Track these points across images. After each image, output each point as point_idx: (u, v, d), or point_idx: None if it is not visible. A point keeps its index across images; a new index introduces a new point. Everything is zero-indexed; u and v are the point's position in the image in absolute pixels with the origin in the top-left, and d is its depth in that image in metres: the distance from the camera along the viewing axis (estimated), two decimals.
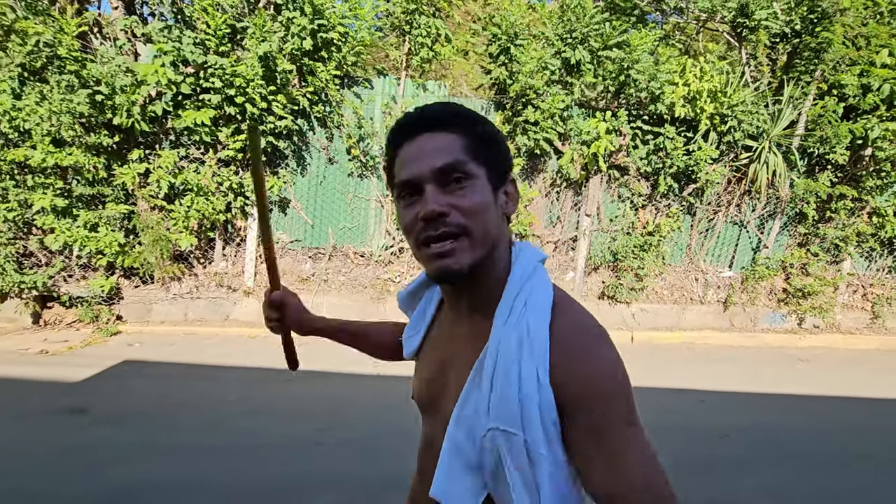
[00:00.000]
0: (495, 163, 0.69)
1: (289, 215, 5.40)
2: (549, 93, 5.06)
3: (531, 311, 0.64)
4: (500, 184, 0.69)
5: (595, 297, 6.25)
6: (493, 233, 0.67)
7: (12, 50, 3.91)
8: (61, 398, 3.41)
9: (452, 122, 0.67)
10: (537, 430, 0.61)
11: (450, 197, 0.64)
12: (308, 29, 4.42)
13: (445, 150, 0.65)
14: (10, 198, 4.43)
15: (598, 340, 0.63)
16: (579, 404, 0.60)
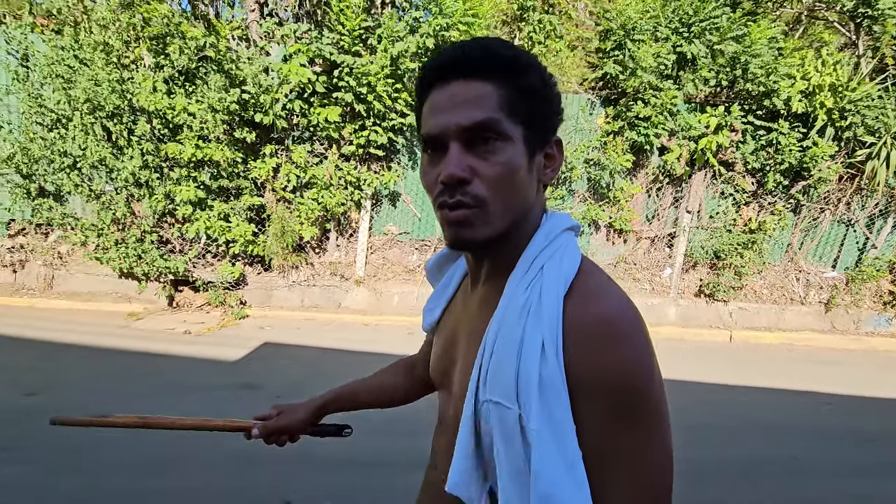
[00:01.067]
0: (538, 121, 0.59)
1: (398, 208, 5.61)
2: (663, 88, 5.02)
3: (546, 277, 0.57)
4: (539, 146, 0.60)
5: (692, 294, 6.20)
6: (518, 203, 0.59)
7: (173, 52, 4.22)
8: (230, 375, 3.73)
9: (492, 68, 0.56)
10: (534, 405, 0.52)
11: (475, 160, 0.56)
12: (433, 29, 4.55)
13: (477, 104, 0.55)
14: (157, 191, 4.80)
15: (623, 320, 0.53)
16: (594, 392, 0.52)
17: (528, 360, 0.53)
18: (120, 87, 4.41)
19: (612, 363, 0.51)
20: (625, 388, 0.51)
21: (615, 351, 0.52)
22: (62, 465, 2.42)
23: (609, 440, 0.52)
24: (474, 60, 0.56)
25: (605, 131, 5.34)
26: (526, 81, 0.57)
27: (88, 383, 3.38)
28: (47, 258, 5.11)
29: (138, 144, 4.65)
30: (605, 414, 0.52)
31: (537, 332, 0.54)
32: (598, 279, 0.58)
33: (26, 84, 4.54)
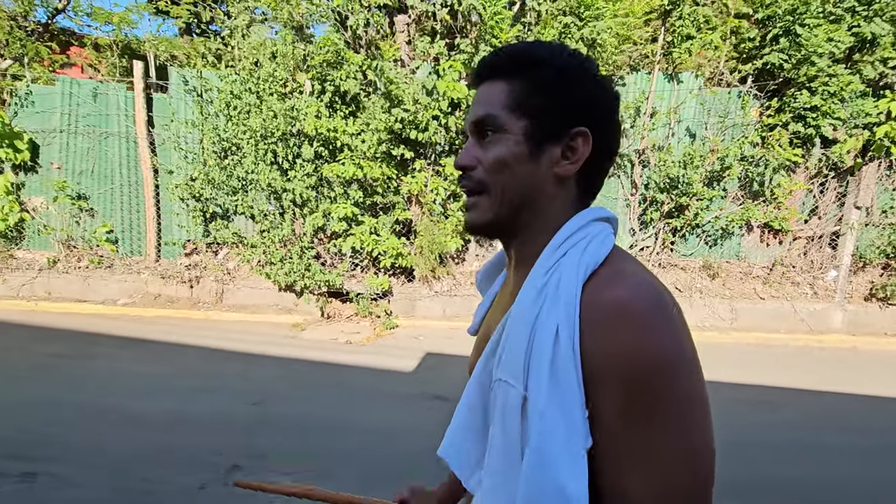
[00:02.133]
0: (548, 114, 0.60)
1: None
2: (837, 73, 4.58)
3: (566, 261, 0.56)
4: (549, 138, 0.60)
5: (861, 297, 5.60)
6: (517, 191, 0.61)
7: (340, 78, 4.47)
8: (413, 385, 3.84)
9: (505, 68, 0.62)
10: (544, 388, 0.50)
11: (480, 150, 0.62)
12: (581, 33, 4.47)
13: (485, 102, 0.62)
14: (317, 208, 5.09)
15: (639, 301, 0.50)
16: (607, 376, 0.49)
17: (541, 343, 0.52)
18: (289, 115, 4.73)
19: (626, 347, 0.48)
20: (641, 375, 0.48)
21: (629, 333, 0.49)
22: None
23: (624, 432, 0.49)
24: (489, 65, 0.63)
25: (763, 125, 4.96)
26: (535, 76, 0.60)
27: (296, 393, 3.62)
28: (218, 274, 5.59)
29: (302, 167, 4.96)
30: (619, 403, 0.49)
31: (552, 316, 0.52)
32: (624, 266, 0.55)
33: (208, 118, 5.00)
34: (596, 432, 0.50)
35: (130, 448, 2.76)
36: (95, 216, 5.73)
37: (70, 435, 2.87)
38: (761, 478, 2.71)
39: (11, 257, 5.74)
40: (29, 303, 5.55)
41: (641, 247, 5.55)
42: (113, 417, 3.11)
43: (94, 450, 2.73)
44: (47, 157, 5.66)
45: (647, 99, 5.19)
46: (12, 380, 3.65)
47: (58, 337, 4.68)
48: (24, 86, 5.48)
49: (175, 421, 3.08)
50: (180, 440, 2.85)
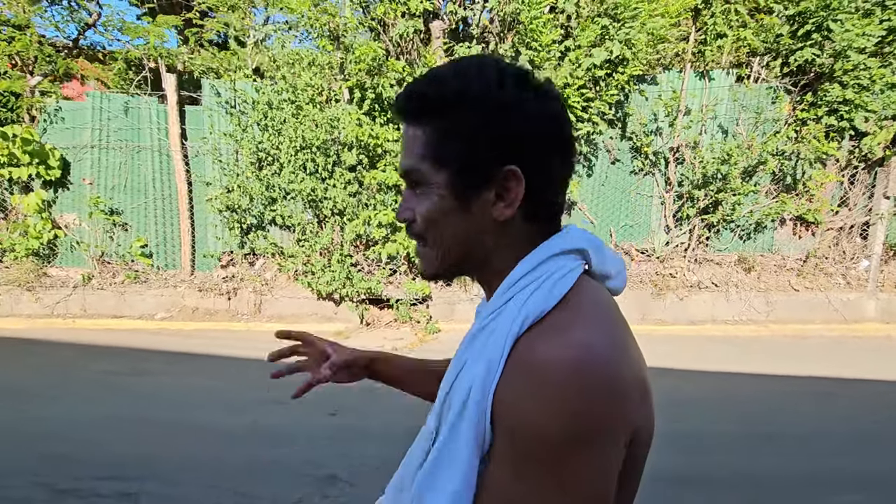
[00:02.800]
0: (469, 162, 0.54)
1: (573, 216, 5.61)
2: (870, 66, 4.66)
3: (504, 316, 0.53)
4: (476, 185, 0.55)
5: (892, 286, 5.69)
6: (454, 243, 0.57)
7: (382, 85, 4.49)
8: None
9: (420, 111, 0.55)
10: (446, 427, 0.54)
11: (416, 201, 0.58)
12: (620, 37, 4.52)
13: (408, 151, 0.57)
14: (357, 216, 5.10)
15: (553, 373, 0.47)
16: (501, 426, 0.50)
17: (458, 389, 0.53)
18: (330, 124, 4.74)
19: (527, 407, 0.47)
20: (524, 434, 0.47)
21: (535, 396, 0.47)
22: None
23: (500, 475, 0.50)
24: (405, 104, 0.56)
25: (797, 119, 5.04)
26: (446, 121, 0.54)
27: (368, 405, 3.62)
28: (256, 285, 5.58)
29: (341, 175, 4.97)
30: (505, 452, 0.50)
31: (475, 367, 0.52)
32: (571, 319, 0.51)
33: (246, 129, 4.99)
34: (493, 474, 0.51)
35: (222, 463, 2.76)
36: (129, 231, 5.70)
37: (158, 452, 2.86)
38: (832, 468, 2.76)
39: (45, 275, 5.69)
40: (66, 320, 5.50)
41: (676, 244, 5.60)
42: (195, 433, 3.10)
43: (186, 466, 2.73)
44: (78, 173, 5.62)
45: (678, 97, 5.25)
46: (78, 399, 3.62)
47: (105, 354, 4.65)
48: (53, 102, 5.43)
49: (259, 434, 3.08)
50: (269, 453, 2.85)
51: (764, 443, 3.01)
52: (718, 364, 4.41)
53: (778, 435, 3.11)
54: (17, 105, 5.34)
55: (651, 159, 5.33)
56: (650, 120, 5.25)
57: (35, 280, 5.61)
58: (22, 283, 5.56)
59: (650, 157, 5.32)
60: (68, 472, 2.66)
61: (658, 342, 5.04)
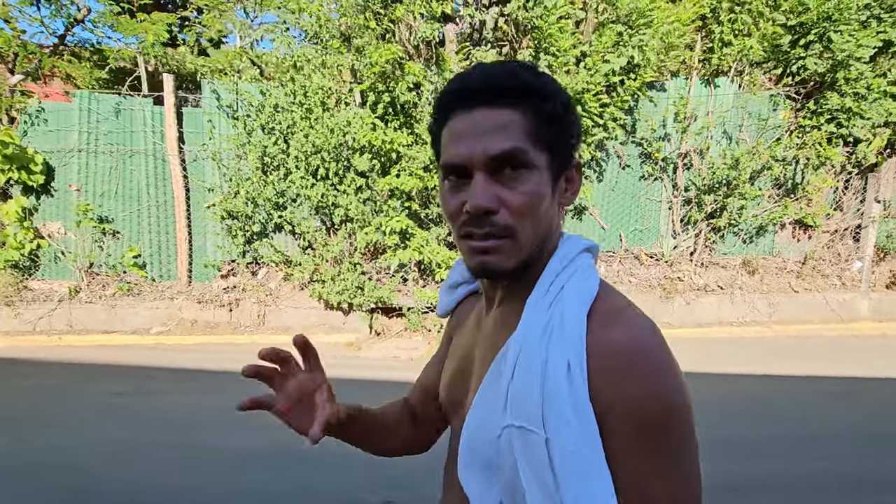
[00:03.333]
0: (562, 146, 0.58)
1: (584, 221, 5.61)
2: (866, 76, 4.86)
3: (567, 297, 0.55)
4: (562, 170, 0.59)
5: (883, 285, 5.95)
6: (544, 230, 0.59)
7: (400, 88, 4.36)
8: None
9: (518, 95, 0.55)
10: (561, 427, 0.51)
11: (501, 189, 0.55)
12: (636, 42, 4.56)
13: (504, 134, 0.55)
14: (368, 223, 4.94)
15: (652, 348, 0.51)
16: (619, 418, 0.50)
17: (555, 383, 0.51)
18: (342, 129, 4.58)
19: (638, 394, 0.50)
20: (649, 420, 0.50)
21: (641, 381, 0.50)
22: None
23: (632, 468, 0.50)
24: (502, 86, 0.55)
25: (799, 126, 5.21)
26: (551, 108, 0.56)
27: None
28: (260, 296, 5.33)
29: (352, 181, 4.81)
30: (629, 442, 0.50)
31: (562, 353, 0.52)
32: (619, 301, 0.56)
33: (252, 132, 4.77)
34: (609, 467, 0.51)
35: (264, 487, 2.57)
36: (120, 240, 5.35)
37: (189, 479, 2.65)
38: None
39: (26, 288, 5.27)
40: (51, 337, 5.11)
41: (683, 248, 5.69)
42: (223, 457, 2.90)
43: (226, 493, 2.53)
44: (63, 178, 5.24)
45: (686, 104, 5.33)
46: (81, 424, 3.34)
47: (103, 373, 4.33)
48: (35, 103, 5.05)
49: (293, 456, 2.90)
50: (311, 477, 2.68)
51: (807, 445, 3.05)
52: (731, 366, 4.48)
53: (818, 436, 3.16)
54: None
55: (660, 165, 5.39)
56: (659, 126, 5.32)
57: (14, 294, 5.20)
58: (2, 297, 5.14)
59: (659, 163, 5.38)
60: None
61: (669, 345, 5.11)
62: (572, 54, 4.53)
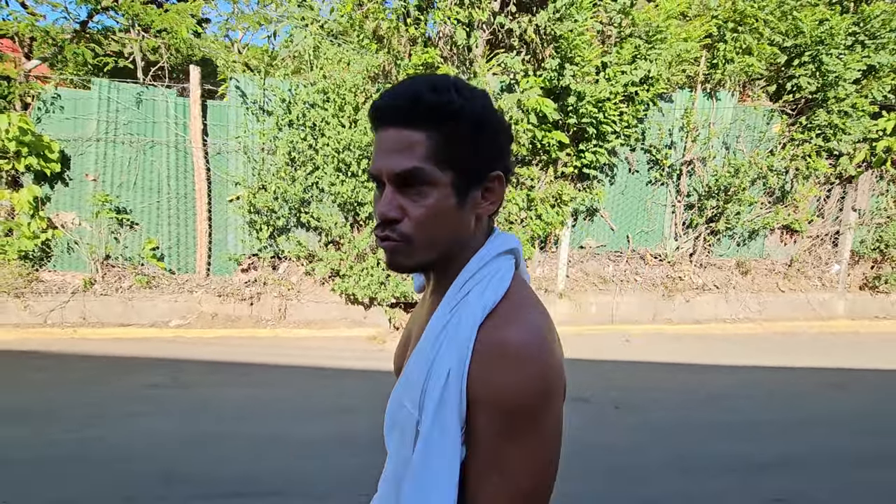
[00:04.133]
0: (471, 162, 0.63)
1: (595, 222, 5.91)
2: (851, 95, 5.36)
3: (468, 303, 0.62)
4: (472, 185, 0.64)
5: (857, 287, 6.52)
6: (445, 237, 0.65)
7: None
8: None
9: (420, 118, 0.60)
10: (430, 415, 0.60)
11: (406, 201, 0.62)
12: (655, 53, 4.87)
13: (406, 154, 0.60)
14: None
15: (524, 351, 0.58)
16: (485, 405, 0.58)
17: (434, 381, 0.60)
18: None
19: (503, 384, 0.57)
20: (510, 407, 0.57)
21: (507, 373, 0.57)
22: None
23: (494, 448, 0.58)
24: (406, 110, 0.60)
25: (792, 139, 5.67)
26: (455, 129, 0.61)
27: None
28: (282, 290, 5.36)
29: None
30: (493, 426, 0.58)
31: (447, 359, 0.60)
32: (518, 306, 0.62)
33: (282, 128, 4.81)
34: (475, 446, 0.59)
35: (340, 474, 2.69)
36: (138, 232, 5.27)
37: (264, 466, 2.74)
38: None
39: (37, 280, 5.12)
40: (65, 330, 4.99)
41: (684, 249, 6.08)
42: (287, 445, 2.99)
43: (303, 478, 2.64)
44: (80, 167, 5.12)
45: (692, 115, 5.71)
46: (134, 416, 3.35)
47: (130, 366, 4.29)
48: (51, 89, 4.92)
49: (352, 444, 3.02)
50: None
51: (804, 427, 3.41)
52: (729, 359, 4.86)
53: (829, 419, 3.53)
54: (9, 91, 4.78)
55: (666, 171, 5.75)
56: (666, 134, 5.68)
57: (25, 285, 5.04)
58: (9, 288, 4.98)
59: (665, 169, 5.74)
60: (185, 493, 2.49)
61: (670, 340, 5.46)
62: (594, 65, 4.80)
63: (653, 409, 3.69)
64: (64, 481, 2.58)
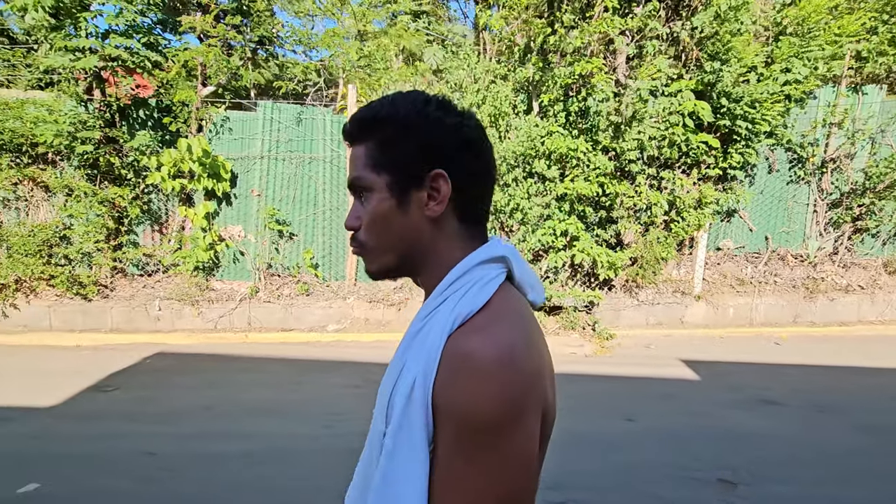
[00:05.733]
0: (403, 162, 0.65)
1: (733, 223, 5.84)
2: None
3: (440, 312, 0.61)
4: (412, 185, 0.65)
5: None
6: (393, 242, 0.66)
7: (589, 98, 4.62)
8: (732, 392, 3.99)
9: (358, 132, 0.67)
10: (393, 426, 0.59)
11: (362, 209, 0.67)
12: (813, 53, 4.78)
13: (353, 166, 0.67)
14: (541, 225, 5.19)
15: (486, 365, 0.55)
16: (445, 417, 0.56)
17: (400, 389, 0.59)
18: (529, 137, 4.84)
19: (462, 397, 0.55)
20: (468, 422, 0.55)
21: (467, 386, 0.55)
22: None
23: (452, 466, 0.56)
24: (347, 131, 0.69)
25: None
26: (381, 135, 0.65)
27: (651, 408, 3.70)
28: None
29: (531, 186, 5.06)
30: (451, 442, 0.56)
31: (414, 368, 0.59)
32: (494, 317, 0.60)
33: None
34: (436, 458, 0.57)
35: (599, 470, 2.81)
36: (296, 242, 5.63)
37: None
38: None
39: (209, 288, 5.55)
40: (237, 335, 5.38)
41: (826, 249, 5.91)
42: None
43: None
44: (245, 184, 5.53)
45: (836, 110, 5.56)
46: (358, 414, 3.59)
47: (319, 367, 4.57)
48: (221, 112, 5.35)
49: (592, 441, 3.13)
50: (633, 457, 2.92)
51: None
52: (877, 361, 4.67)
53: None
54: (188, 115, 5.23)
55: (808, 169, 5.62)
56: (810, 131, 5.55)
57: (199, 294, 5.48)
58: (185, 297, 5.42)
59: (807, 167, 5.61)
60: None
61: (819, 342, 5.32)
62: (749, 64, 4.77)
63: (857, 411, 3.63)
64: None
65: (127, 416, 3.54)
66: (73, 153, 5.03)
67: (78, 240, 5.24)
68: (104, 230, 5.24)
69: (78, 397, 3.89)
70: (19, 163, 5.15)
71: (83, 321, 5.44)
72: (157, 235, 5.69)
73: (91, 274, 5.34)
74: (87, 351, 5.06)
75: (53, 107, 4.68)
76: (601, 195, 5.12)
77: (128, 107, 5.26)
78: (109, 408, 3.69)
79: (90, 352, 5.03)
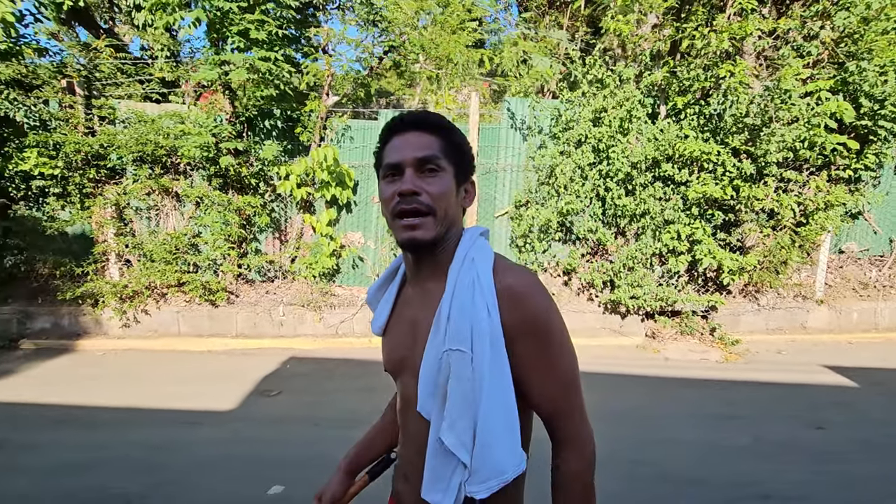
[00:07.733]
0: (461, 165, 0.86)
1: (856, 225, 5.70)
2: None
3: (478, 263, 0.80)
4: (462, 181, 0.86)
5: None
6: (451, 215, 0.83)
7: (738, 102, 4.57)
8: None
9: (435, 127, 0.83)
10: (484, 349, 0.75)
11: (423, 182, 0.80)
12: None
13: (426, 146, 0.81)
14: (670, 230, 5.14)
15: (533, 286, 0.79)
16: (523, 333, 0.77)
17: (479, 319, 0.76)
18: (659, 141, 4.81)
19: (531, 313, 0.78)
20: (538, 328, 0.78)
21: (528, 306, 0.78)
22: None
23: (538, 359, 0.79)
24: (424, 120, 0.84)
25: None
26: (456, 138, 0.85)
27: (788, 418, 3.63)
28: None
29: (658, 189, 5.02)
30: (530, 346, 0.78)
31: (482, 299, 0.77)
32: (507, 262, 0.84)
33: (575, 147, 5.03)
34: (521, 365, 0.78)
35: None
36: None
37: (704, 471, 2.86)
38: None
39: (331, 294, 5.66)
40: (360, 339, 5.47)
41: None
42: (703, 449, 3.11)
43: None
44: (365, 191, 5.62)
45: None
46: None
47: None
48: (343, 121, 5.45)
49: (800, 449, 3.08)
50: (849, 468, 2.85)
51: None
52: None
53: None
54: (313, 125, 5.35)
55: None
56: None
57: (321, 299, 5.59)
58: (309, 303, 5.53)
59: None
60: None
61: None
62: (891, 64, 4.66)
63: None
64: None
65: (308, 420, 3.63)
66: (207, 163, 5.19)
67: (208, 247, 5.40)
68: (233, 238, 5.38)
69: (247, 401, 4.00)
70: (152, 173, 5.34)
71: (210, 326, 5.60)
72: (276, 243, 5.83)
73: (219, 280, 5.49)
74: (221, 356, 5.21)
75: (200, 121, 4.84)
76: (733, 198, 5.04)
77: (255, 117, 5.41)
78: (287, 412, 3.78)
79: (224, 356, 5.18)
